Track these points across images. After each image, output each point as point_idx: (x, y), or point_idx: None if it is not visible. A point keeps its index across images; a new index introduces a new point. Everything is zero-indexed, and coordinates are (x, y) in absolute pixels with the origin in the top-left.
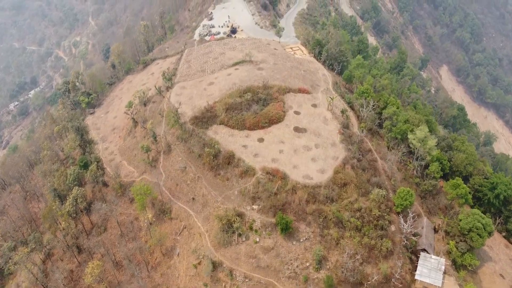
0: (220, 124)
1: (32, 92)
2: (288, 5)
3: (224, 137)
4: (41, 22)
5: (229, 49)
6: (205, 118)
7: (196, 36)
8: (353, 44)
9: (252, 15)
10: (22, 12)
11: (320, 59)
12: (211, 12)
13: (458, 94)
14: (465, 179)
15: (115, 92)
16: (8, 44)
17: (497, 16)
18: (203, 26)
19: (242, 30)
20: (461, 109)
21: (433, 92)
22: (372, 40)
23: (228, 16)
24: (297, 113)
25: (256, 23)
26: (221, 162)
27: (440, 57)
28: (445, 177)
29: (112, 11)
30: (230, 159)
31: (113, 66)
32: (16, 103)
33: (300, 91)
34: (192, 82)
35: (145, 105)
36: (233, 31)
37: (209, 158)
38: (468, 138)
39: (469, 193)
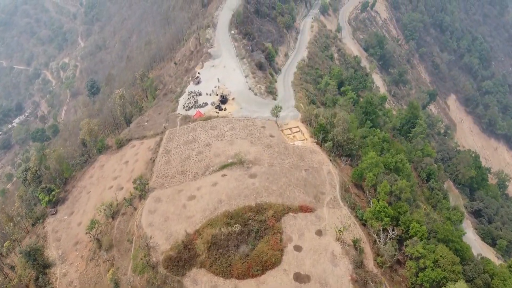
0: (200, 267)
1: (17, 120)
2: (286, 54)
3: None
4: (30, 40)
5: (216, 137)
6: (182, 261)
7: (180, 108)
8: (359, 110)
9: (246, 76)
10: (10, 29)
11: (325, 146)
12: (199, 75)
13: (466, 125)
14: None
15: (84, 181)
16: None
17: (506, 38)
18: (188, 94)
19: (233, 99)
20: (479, 166)
21: (442, 132)
22: (377, 79)
23: (218, 80)
24: (298, 248)
25: (249, 88)
26: None
27: (447, 86)
28: None
29: (101, 33)
30: None
31: (84, 144)
32: None
33: (302, 209)
34: (170, 191)
35: (113, 218)
36: (223, 100)
37: None
38: (487, 201)
39: None
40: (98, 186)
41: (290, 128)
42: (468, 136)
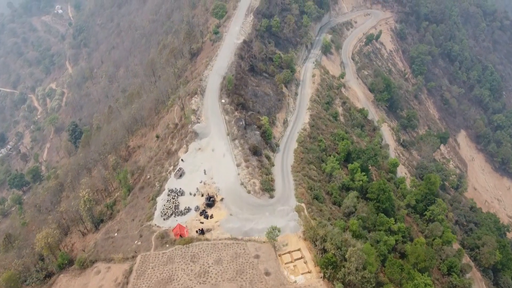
0: None
1: None
2: (285, 121)
3: None
4: (16, 61)
5: (197, 277)
6: None
7: (157, 216)
8: (371, 206)
9: (237, 166)
10: None
11: (334, 285)
12: (182, 162)
13: (477, 164)
14: None
15: None
16: None
17: None
18: (168, 193)
19: (222, 200)
20: (503, 246)
21: (454, 184)
22: (385, 128)
23: (204, 171)
24: None
25: (241, 183)
26: None
27: (457, 122)
28: None
29: (89, 60)
30: None
31: (42, 259)
32: None
33: None
34: None
35: None
36: (210, 204)
37: None
38: None
39: None
40: None
41: (290, 253)
42: (480, 175)
